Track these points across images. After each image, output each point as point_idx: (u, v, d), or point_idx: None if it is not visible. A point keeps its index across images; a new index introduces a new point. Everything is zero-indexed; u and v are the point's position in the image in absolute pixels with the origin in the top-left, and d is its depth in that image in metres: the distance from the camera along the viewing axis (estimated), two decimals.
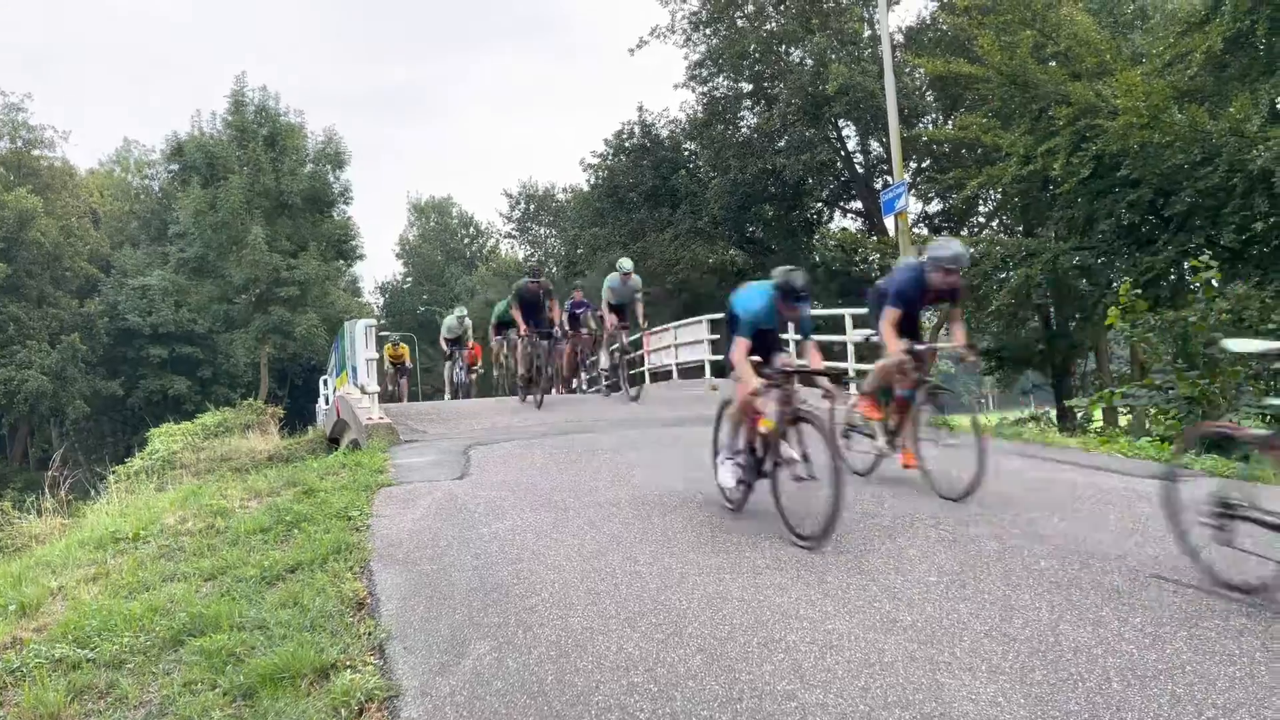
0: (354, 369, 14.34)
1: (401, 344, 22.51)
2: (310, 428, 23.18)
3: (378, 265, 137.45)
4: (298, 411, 36.09)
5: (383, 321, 55.54)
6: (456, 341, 19.95)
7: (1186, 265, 15.37)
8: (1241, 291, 12.83)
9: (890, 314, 7.19)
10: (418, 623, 4.67)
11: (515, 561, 5.58)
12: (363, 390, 12.83)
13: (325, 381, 23.31)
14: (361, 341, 13.16)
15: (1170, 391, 11.36)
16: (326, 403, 21.63)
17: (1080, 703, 3.46)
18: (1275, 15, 16.33)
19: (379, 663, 4.19)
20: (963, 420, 7.34)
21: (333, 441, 16.19)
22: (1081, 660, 3.84)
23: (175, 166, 44.14)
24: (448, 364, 20.15)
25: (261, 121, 43.13)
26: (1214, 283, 12.57)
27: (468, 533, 6.33)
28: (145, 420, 38.86)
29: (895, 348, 7.10)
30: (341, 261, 47.83)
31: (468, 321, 20.03)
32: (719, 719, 3.46)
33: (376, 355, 12.75)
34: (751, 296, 6.53)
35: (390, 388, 21.17)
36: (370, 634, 4.53)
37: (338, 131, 47.25)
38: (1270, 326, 11.74)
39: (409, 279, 68.64)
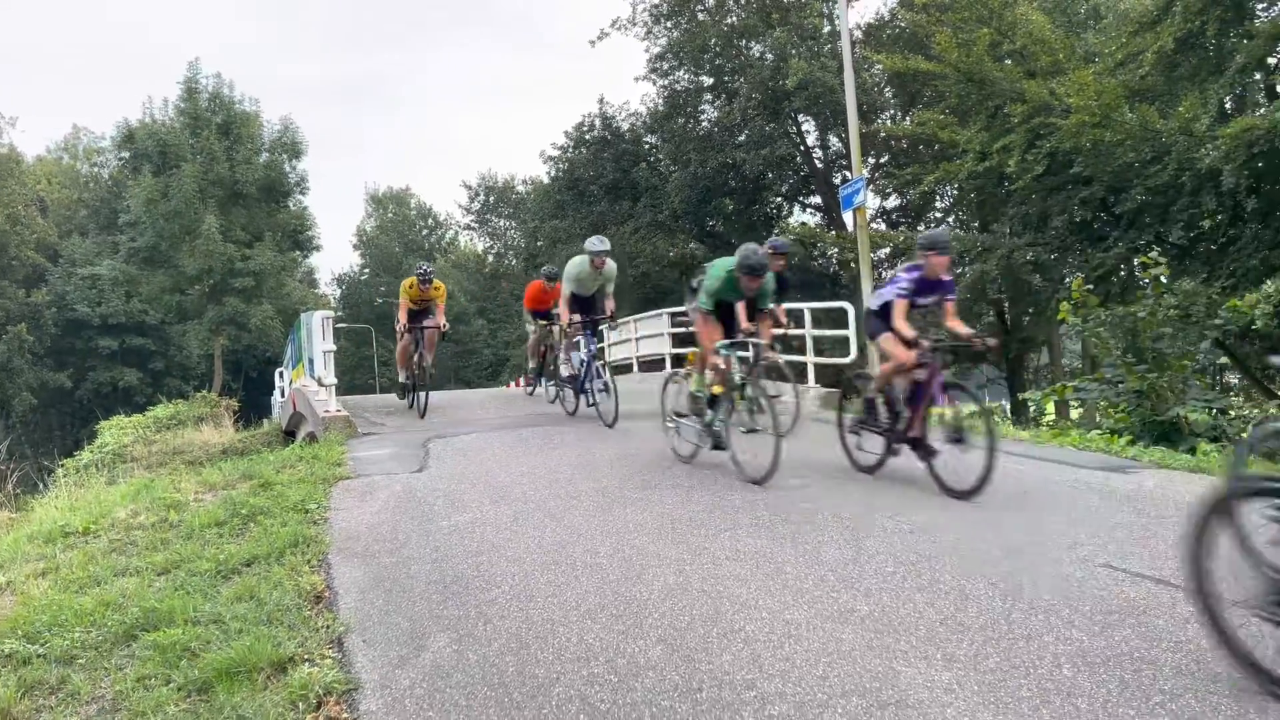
0: (310, 361, 14.20)
1: (436, 281, 12.71)
2: (266, 420, 22.94)
3: (335, 257, 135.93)
4: (253, 404, 35.56)
5: (339, 314, 54.97)
6: (589, 304, 11.47)
7: (1136, 262, 15.68)
8: (1189, 288, 13.14)
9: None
10: (377, 616, 4.64)
11: (475, 554, 5.57)
12: (320, 382, 12.70)
13: (281, 374, 23.04)
14: (319, 333, 13.02)
15: (1120, 385, 11.59)
16: (282, 395, 21.37)
17: (1032, 689, 3.54)
18: (1225, 16, 16.69)
19: (338, 656, 4.16)
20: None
21: (289, 434, 16.02)
22: (1033, 647, 3.92)
23: (126, 154, 43.21)
24: (566, 340, 11.51)
25: (215, 109, 42.38)
26: (1162, 279, 12.86)
27: (427, 526, 6.31)
28: (95, 413, 38.11)
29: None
30: (298, 252, 47.16)
31: (612, 266, 11.11)
32: (678, 709, 3.49)
33: (334, 347, 12.59)
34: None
35: (412, 353, 12.77)
36: (329, 627, 4.50)
37: (294, 120, 46.64)
38: (1216, 322, 12.03)
39: (366, 270, 67.98)
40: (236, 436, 18.70)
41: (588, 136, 32.63)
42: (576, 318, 11.08)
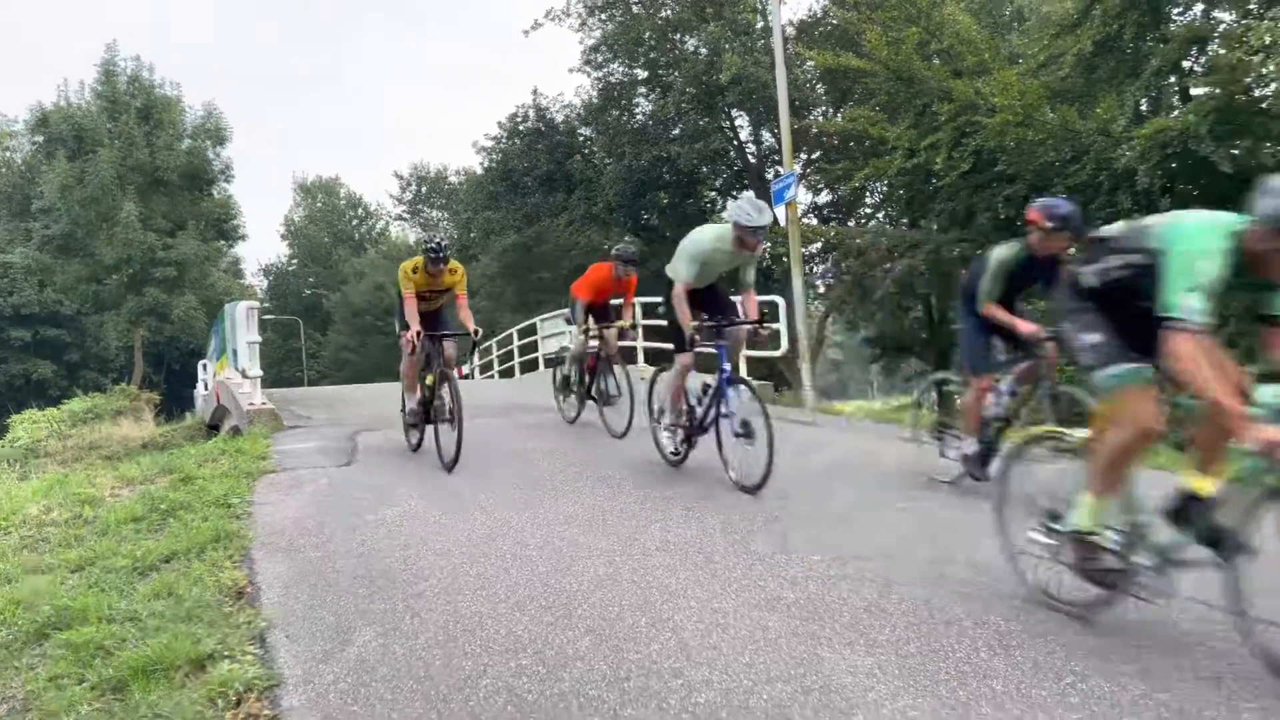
0: (235, 352, 13.89)
1: (453, 262, 8.57)
2: (189, 414, 22.35)
3: (261, 246, 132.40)
4: (175, 397, 34.58)
5: (266, 305, 53.78)
6: (710, 301, 7.60)
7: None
8: None
9: None
10: (301, 611, 4.56)
11: (403, 548, 5.51)
12: (244, 374, 12.43)
13: (204, 366, 22.46)
14: (243, 324, 12.74)
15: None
16: (206, 388, 20.82)
17: (950, 671, 3.63)
18: (1142, 20, 17.23)
19: (259, 652, 4.08)
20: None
21: (212, 428, 15.63)
22: (953, 632, 4.02)
23: (39, 138, 41.67)
24: (682, 358, 7.25)
25: (134, 93, 41.05)
26: None
27: (354, 519, 6.22)
28: (6, 406, 36.68)
29: None
30: (222, 242, 45.96)
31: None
32: (606, 698, 3.50)
33: (259, 338, 12.31)
34: None
35: (424, 372, 8.43)
36: (250, 623, 4.41)
37: (218, 106, 45.35)
38: None
39: (294, 261, 66.61)
40: (157, 431, 18.18)
41: (521, 127, 32.40)
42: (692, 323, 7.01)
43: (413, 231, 57.14)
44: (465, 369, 26.71)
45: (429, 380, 8.31)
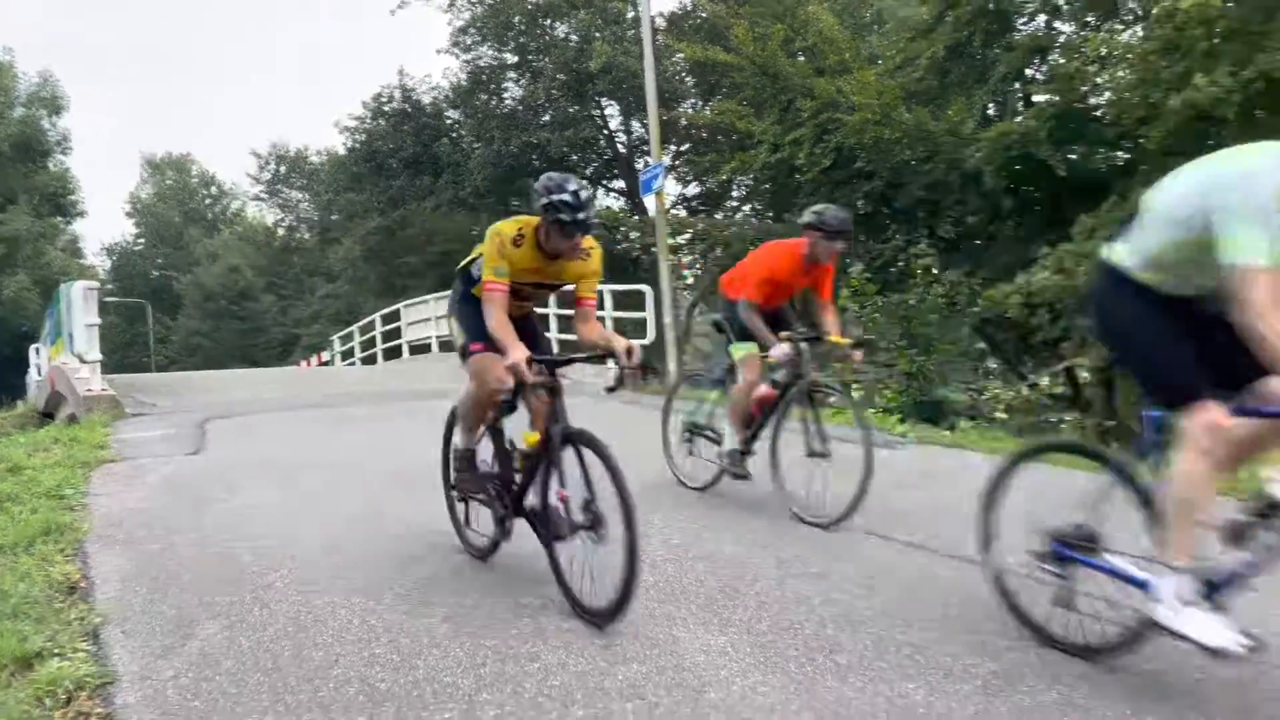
0: (71, 336, 13.09)
1: (592, 241, 4.57)
2: (20, 402, 20.88)
3: (104, 224, 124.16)
4: (3, 384, 32.26)
5: (109, 286, 50.81)
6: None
7: (911, 253, 16.83)
8: (954, 278, 14.26)
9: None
10: (140, 605, 4.35)
11: (253, 539, 5.32)
12: (81, 359, 11.72)
13: (37, 350, 21.02)
14: (80, 306, 12.01)
15: (893, 368, 12.46)
16: (39, 374, 19.50)
17: (799, 648, 3.76)
18: (990, 29, 18.15)
19: (93, 649, 3.86)
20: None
21: (46, 416, 14.67)
22: (802, 610, 4.17)
23: None
24: None
25: None
26: (933, 269, 13.92)
27: (201, 510, 5.98)
28: None
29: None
30: (59, 218, 43.19)
31: None
32: (461, 684, 3.48)
33: (98, 320, 11.63)
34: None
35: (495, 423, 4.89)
36: (83, 619, 4.17)
37: (54, 73, 42.41)
38: (975, 310, 13.15)
39: (141, 240, 63.07)
40: None
41: (386, 108, 31.57)
42: None
43: (271, 212, 54.92)
44: (325, 354, 25.83)
45: (529, 440, 4.49)
